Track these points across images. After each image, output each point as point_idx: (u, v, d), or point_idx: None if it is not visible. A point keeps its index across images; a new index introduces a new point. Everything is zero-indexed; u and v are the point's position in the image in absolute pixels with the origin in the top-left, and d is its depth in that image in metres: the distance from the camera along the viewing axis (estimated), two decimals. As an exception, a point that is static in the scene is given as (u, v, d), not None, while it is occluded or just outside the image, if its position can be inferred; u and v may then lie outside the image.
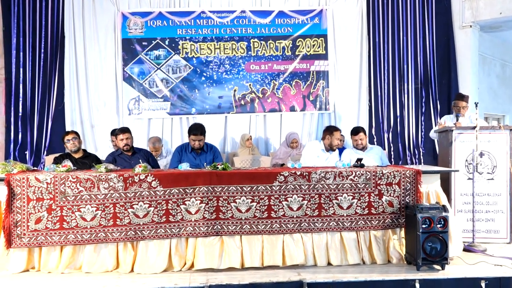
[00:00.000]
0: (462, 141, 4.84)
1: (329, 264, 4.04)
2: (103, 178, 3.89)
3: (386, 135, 7.52)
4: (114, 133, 6.17)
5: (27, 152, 6.99)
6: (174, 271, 3.90)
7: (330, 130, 5.27)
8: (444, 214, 3.82)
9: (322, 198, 4.04)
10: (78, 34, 7.23)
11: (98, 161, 5.11)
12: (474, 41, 7.42)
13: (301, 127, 7.63)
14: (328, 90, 7.59)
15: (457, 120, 5.19)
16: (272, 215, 4.00)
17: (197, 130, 4.98)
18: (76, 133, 5.16)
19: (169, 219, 3.93)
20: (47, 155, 6.82)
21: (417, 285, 3.60)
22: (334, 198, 4.06)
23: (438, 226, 3.79)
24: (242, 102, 7.50)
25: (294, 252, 4.01)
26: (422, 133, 7.41)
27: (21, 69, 7.04)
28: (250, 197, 3.99)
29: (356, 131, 5.50)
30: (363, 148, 5.45)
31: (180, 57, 7.41)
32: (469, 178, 4.75)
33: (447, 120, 5.55)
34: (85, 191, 3.87)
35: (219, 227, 3.96)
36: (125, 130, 5.17)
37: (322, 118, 7.67)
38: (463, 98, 5.55)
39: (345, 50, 7.62)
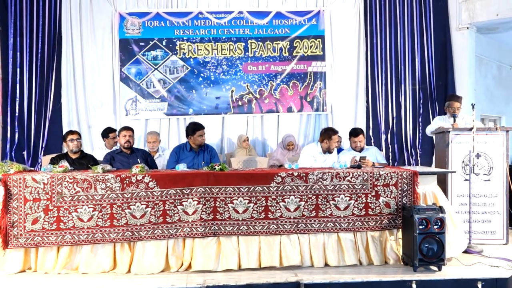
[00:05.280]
0: (459, 142, 4.86)
1: (326, 265, 4.05)
2: (100, 179, 3.89)
3: (383, 136, 7.53)
4: (106, 133, 6.25)
5: (24, 153, 6.97)
6: (171, 271, 3.90)
7: (329, 134, 5.22)
8: (441, 215, 3.83)
9: (319, 199, 4.05)
10: (75, 34, 7.21)
11: (95, 161, 5.11)
12: (471, 42, 7.44)
13: (298, 128, 7.62)
14: (325, 91, 7.59)
15: (454, 121, 5.19)
16: (269, 216, 4.01)
17: (201, 125, 5.11)
18: (79, 133, 5.20)
19: (166, 219, 3.93)
20: (44, 155, 6.79)
21: (414, 286, 3.62)
22: (331, 199, 4.06)
23: (435, 227, 3.81)
24: (240, 103, 7.49)
25: (291, 253, 4.02)
26: (420, 134, 7.42)
27: (18, 69, 7.01)
28: (247, 198, 4.00)
29: (356, 132, 5.47)
30: (361, 150, 5.45)
31: (177, 58, 7.40)
32: (466, 179, 4.76)
33: (441, 121, 5.55)
34: (82, 192, 3.86)
35: (216, 228, 3.96)
36: (129, 128, 5.34)
37: (319, 119, 7.67)
38: (458, 99, 5.56)
39: (343, 51, 7.62)
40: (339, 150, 5.87)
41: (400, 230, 4.12)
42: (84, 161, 5.03)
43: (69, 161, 4.79)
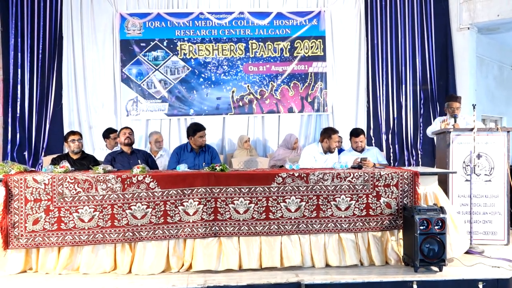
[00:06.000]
0: (460, 142, 4.85)
1: (327, 265, 4.04)
2: (101, 179, 3.89)
3: (384, 137, 7.53)
4: (107, 134, 6.31)
5: (25, 153, 6.98)
6: (172, 272, 3.91)
7: (328, 133, 5.24)
8: (441, 215, 3.83)
9: (320, 200, 4.05)
10: (76, 35, 7.22)
11: (96, 162, 5.12)
12: (472, 43, 7.44)
13: (299, 128, 7.62)
14: (326, 92, 7.59)
15: (455, 122, 5.18)
16: (270, 216, 4.01)
17: (201, 126, 5.11)
18: (80, 134, 5.22)
19: (167, 220, 3.93)
20: (45, 156, 6.80)
21: (415, 286, 3.61)
22: (332, 199, 4.06)
23: (436, 227, 3.80)
24: (240, 103, 7.50)
25: (292, 254, 4.01)
26: (421, 135, 7.42)
27: (19, 70, 7.02)
28: (248, 198, 3.99)
29: (356, 133, 5.48)
30: (362, 150, 5.45)
31: (178, 58, 7.41)
32: (467, 180, 4.76)
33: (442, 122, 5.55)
34: (83, 192, 3.86)
35: (217, 228, 3.96)
36: (129, 127, 5.44)
37: (320, 120, 7.66)
38: (456, 99, 5.57)
39: (343, 52, 7.62)
40: (340, 150, 5.87)
41: (401, 230, 4.12)
42: (85, 161, 5.04)
43: (70, 161, 4.80)
